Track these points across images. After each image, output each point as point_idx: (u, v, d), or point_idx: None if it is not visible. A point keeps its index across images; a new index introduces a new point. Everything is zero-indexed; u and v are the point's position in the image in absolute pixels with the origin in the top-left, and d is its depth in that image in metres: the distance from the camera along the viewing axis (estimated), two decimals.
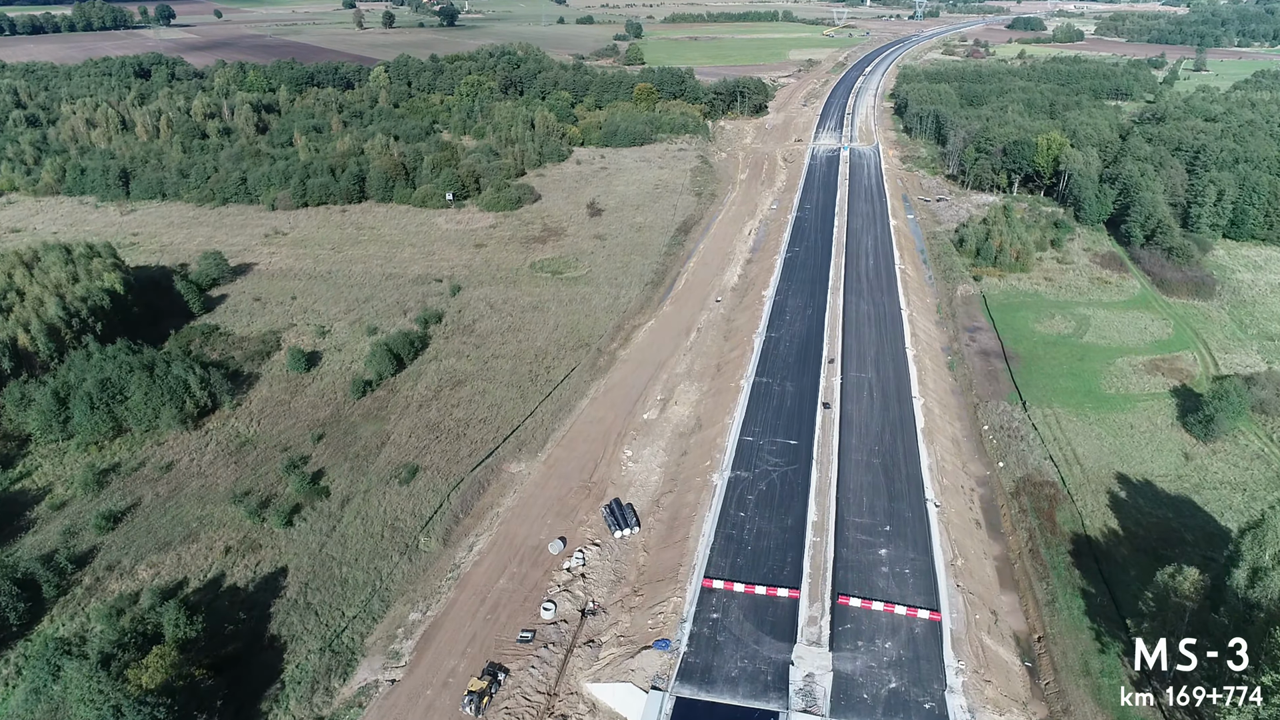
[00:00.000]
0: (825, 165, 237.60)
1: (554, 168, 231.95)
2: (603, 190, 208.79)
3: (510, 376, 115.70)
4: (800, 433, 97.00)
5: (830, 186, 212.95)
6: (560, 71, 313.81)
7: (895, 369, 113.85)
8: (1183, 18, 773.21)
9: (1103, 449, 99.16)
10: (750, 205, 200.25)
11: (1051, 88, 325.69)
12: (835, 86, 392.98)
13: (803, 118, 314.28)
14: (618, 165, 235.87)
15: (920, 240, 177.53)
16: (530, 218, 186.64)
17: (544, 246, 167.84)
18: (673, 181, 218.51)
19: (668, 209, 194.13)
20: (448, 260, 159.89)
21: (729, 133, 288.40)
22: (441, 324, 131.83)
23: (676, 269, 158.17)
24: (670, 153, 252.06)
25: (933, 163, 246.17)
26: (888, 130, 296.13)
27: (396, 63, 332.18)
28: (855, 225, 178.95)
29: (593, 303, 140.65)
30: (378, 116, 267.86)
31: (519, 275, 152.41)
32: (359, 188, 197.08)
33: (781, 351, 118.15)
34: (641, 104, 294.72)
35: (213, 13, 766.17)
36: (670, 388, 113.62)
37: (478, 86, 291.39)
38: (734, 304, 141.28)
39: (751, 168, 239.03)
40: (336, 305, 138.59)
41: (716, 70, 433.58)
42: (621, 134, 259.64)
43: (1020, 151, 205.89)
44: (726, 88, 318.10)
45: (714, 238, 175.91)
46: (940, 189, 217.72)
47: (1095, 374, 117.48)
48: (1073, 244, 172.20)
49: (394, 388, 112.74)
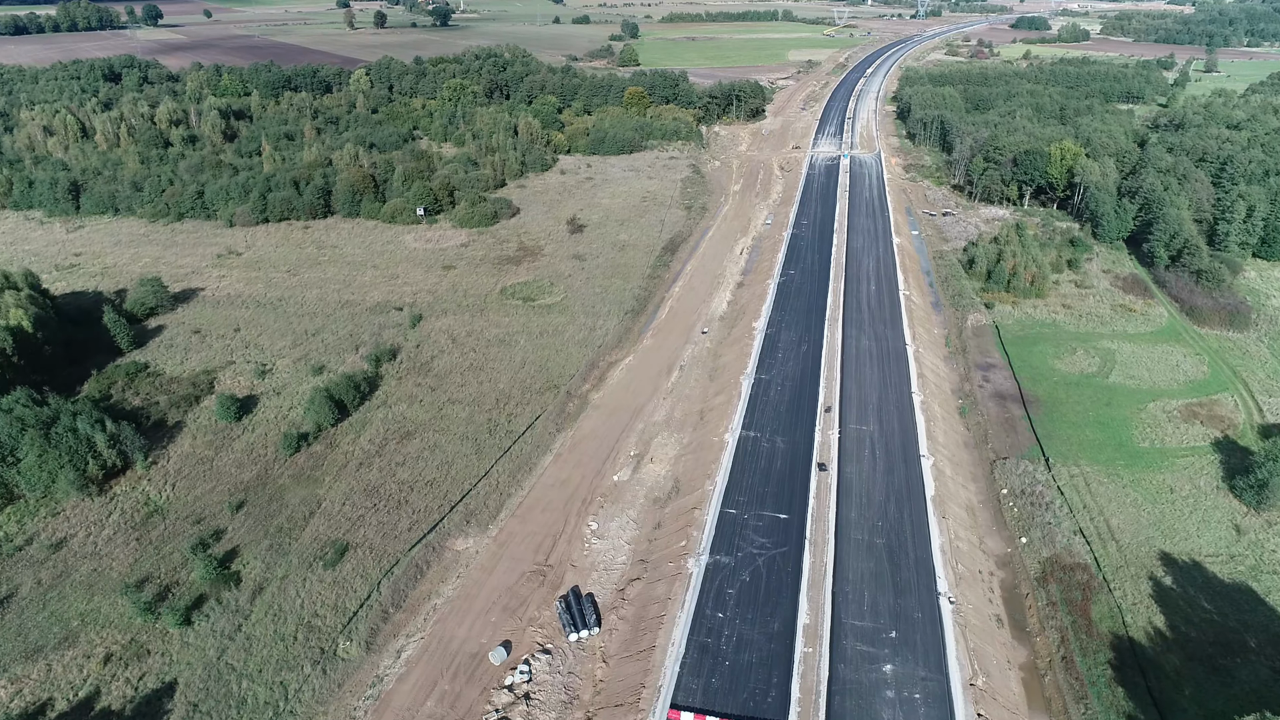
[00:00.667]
0: (824, 175, 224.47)
1: (537, 178, 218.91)
2: (586, 203, 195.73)
3: (466, 427, 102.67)
4: (792, 503, 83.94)
5: (829, 199, 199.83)
6: (548, 75, 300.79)
7: (900, 419, 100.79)
8: (1189, 17, 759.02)
9: (1140, 520, 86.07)
10: (743, 220, 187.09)
11: (1060, 91, 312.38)
12: (835, 89, 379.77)
13: (801, 123, 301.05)
14: (604, 175, 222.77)
15: (926, 260, 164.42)
16: (506, 235, 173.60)
17: (518, 269, 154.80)
18: (661, 193, 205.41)
19: (654, 224, 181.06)
20: (411, 284, 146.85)
21: (724, 139, 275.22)
22: (396, 361, 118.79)
23: (660, 294, 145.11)
24: (660, 161, 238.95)
25: (938, 172, 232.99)
26: (890, 136, 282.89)
27: (378, 65, 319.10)
28: (856, 244, 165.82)
29: (565, 335, 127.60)
30: (354, 123, 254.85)
31: (487, 303, 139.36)
32: (324, 202, 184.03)
33: (772, 397, 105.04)
34: (632, 109, 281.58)
35: (202, 12, 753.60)
36: (646, 440, 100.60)
37: (460, 91, 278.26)
38: (722, 336, 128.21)
39: (746, 178, 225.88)
40: (283, 338, 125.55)
41: (713, 72, 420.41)
42: (610, 141, 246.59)
43: (1032, 162, 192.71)
44: (722, 91, 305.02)
45: (703, 258, 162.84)
46: (946, 201, 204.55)
47: (1125, 423, 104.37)
48: (1091, 265, 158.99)
49: (333, 441, 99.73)
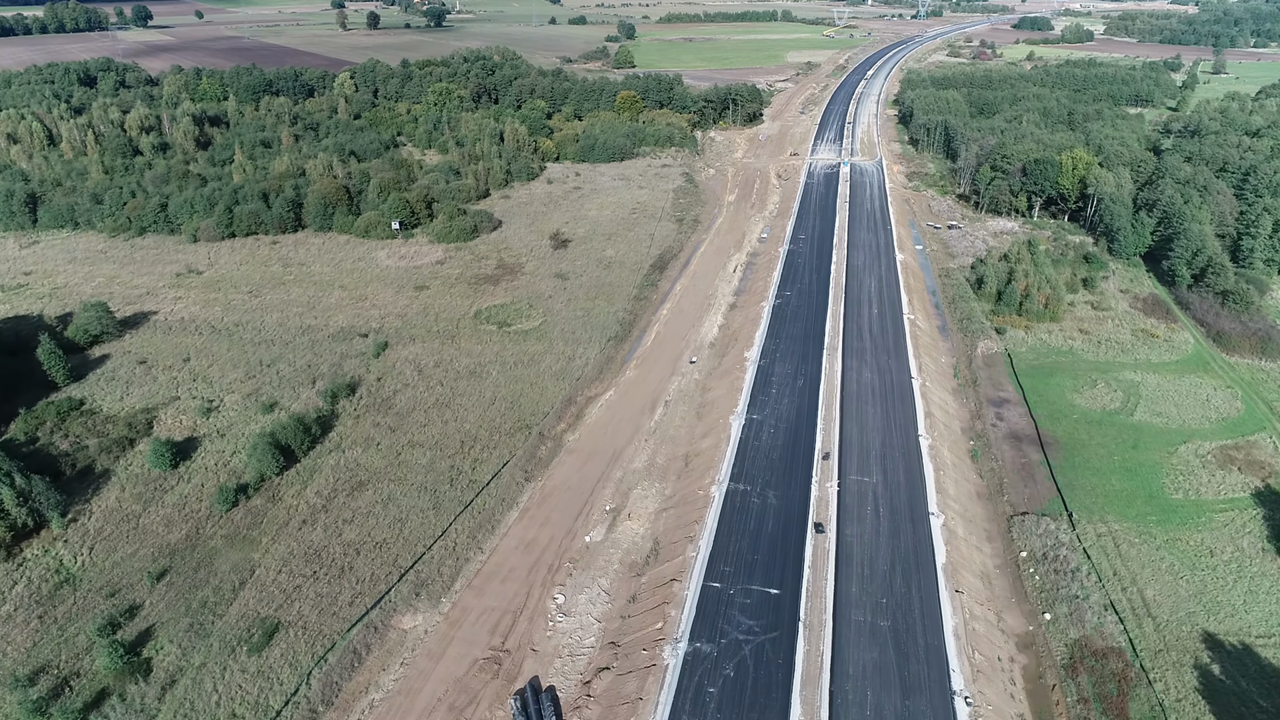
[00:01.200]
0: (823, 184, 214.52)
1: (522, 188, 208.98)
2: (572, 216, 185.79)
3: (425, 475, 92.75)
4: (784, 574, 74.00)
5: (828, 210, 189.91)
6: (538, 78, 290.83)
7: (906, 467, 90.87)
8: (1193, 17, 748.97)
9: (1179, 591, 76.11)
10: (738, 234, 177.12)
11: (1068, 94, 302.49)
12: (835, 92, 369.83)
13: (800, 127, 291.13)
14: (593, 184, 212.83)
15: (931, 278, 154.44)
16: (485, 251, 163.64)
17: (495, 289, 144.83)
18: (652, 204, 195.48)
19: (644, 239, 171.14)
20: (380, 307, 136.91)
21: (719, 145, 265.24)
22: (354, 397, 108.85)
23: (647, 318, 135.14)
24: (652, 169, 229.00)
25: (942, 180, 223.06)
26: (892, 142, 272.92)
27: (362, 68, 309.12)
28: (856, 261, 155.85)
29: (542, 365, 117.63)
30: (334, 129, 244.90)
31: (460, 328, 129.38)
32: (295, 215, 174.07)
33: (764, 442, 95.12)
34: (624, 114, 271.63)
35: (194, 13, 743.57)
36: (624, 491, 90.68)
37: (446, 95, 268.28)
38: (711, 366, 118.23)
39: (741, 187, 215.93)
40: (235, 370, 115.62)
41: (710, 74, 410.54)
42: (600, 148, 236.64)
43: (1042, 172, 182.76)
44: (718, 95, 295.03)
45: (693, 276, 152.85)
46: (952, 212, 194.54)
47: (1155, 469, 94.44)
48: (1107, 284, 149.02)
49: (276, 493, 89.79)
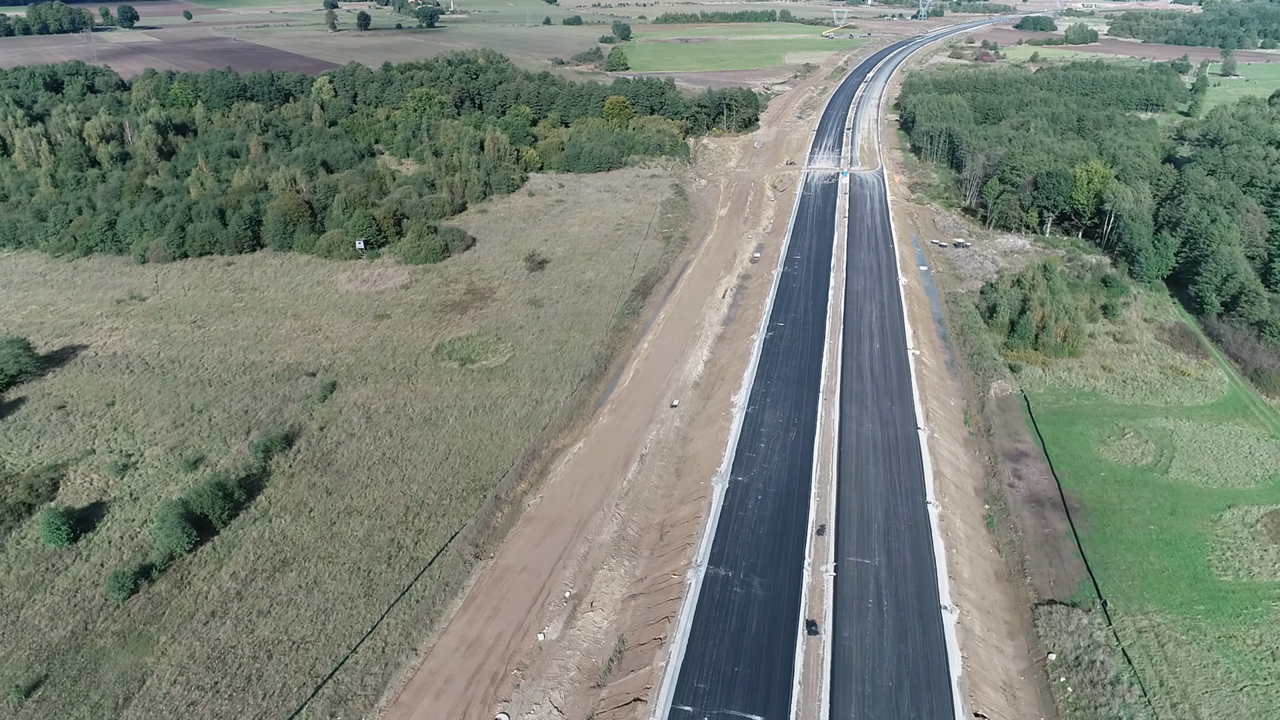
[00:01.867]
0: (821, 196, 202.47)
1: (501, 201, 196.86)
2: (552, 233, 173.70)
3: (360, 551, 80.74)
4: (770, 692, 61.95)
5: (826, 226, 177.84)
6: (524, 82, 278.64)
7: (914, 544, 78.82)
8: (1198, 17, 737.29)
9: (1240, 710, 64.10)
10: (728, 253, 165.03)
11: (1076, 99, 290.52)
12: (834, 95, 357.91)
13: (797, 134, 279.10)
14: (577, 197, 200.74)
15: (937, 303, 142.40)
16: (455, 273, 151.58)
17: (462, 318, 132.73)
18: (638, 219, 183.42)
19: (627, 259, 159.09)
20: (334, 340, 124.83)
21: (712, 153, 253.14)
22: (292, 451, 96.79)
23: (626, 352, 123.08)
24: (640, 180, 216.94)
25: (947, 192, 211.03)
26: (893, 150, 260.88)
27: (342, 72, 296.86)
28: (856, 286, 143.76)
29: (505, 411, 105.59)
30: (307, 137, 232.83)
31: (418, 365, 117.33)
32: (253, 234, 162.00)
33: (750, 511, 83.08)
34: (613, 120, 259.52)
35: (183, 14, 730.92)
36: (588, 571, 78.67)
37: (426, 101, 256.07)
38: (694, 412, 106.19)
39: (734, 199, 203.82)
40: (162, 417, 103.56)
41: (705, 77, 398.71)
42: (586, 157, 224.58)
43: (1054, 185, 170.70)
44: (711, 100, 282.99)
45: (679, 303, 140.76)
46: (958, 228, 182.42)
47: (1198, 543, 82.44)
48: (1129, 311, 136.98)
49: (185, 576, 77.73)
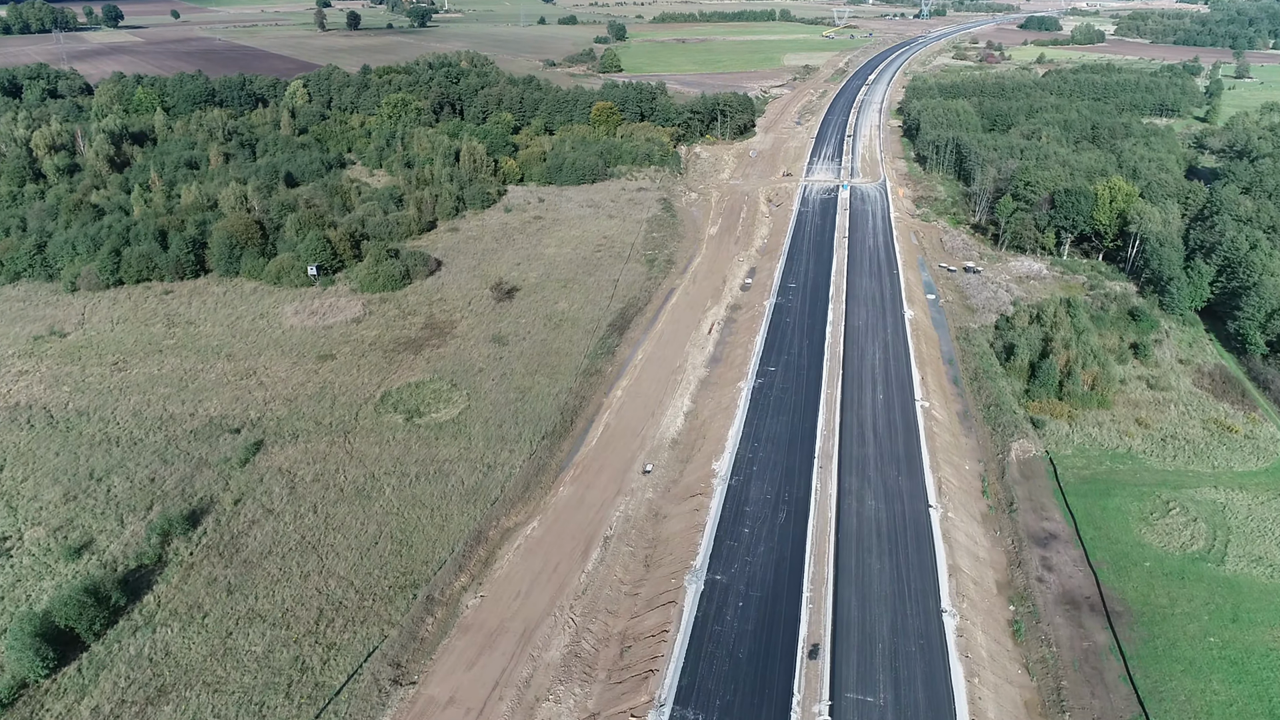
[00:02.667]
0: (819, 212, 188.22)
1: (475, 217, 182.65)
2: (526, 255, 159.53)
3: (257, 675, 66.59)
4: None
5: (824, 247, 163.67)
6: (507, 87, 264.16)
7: (927, 673, 64.57)
8: (1206, 17, 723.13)
9: None
10: (717, 279, 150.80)
11: (1089, 105, 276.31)
12: (834, 99, 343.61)
13: (795, 141, 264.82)
14: (557, 213, 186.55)
15: (947, 340, 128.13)
16: (415, 303, 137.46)
17: (415, 359, 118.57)
18: (621, 239, 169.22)
19: (605, 286, 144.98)
20: (269, 386, 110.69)
21: (704, 163, 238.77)
22: (196, 533, 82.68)
23: (596, 402, 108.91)
24: (626, 194, 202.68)
25: (954, 207, 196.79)
26: (896, 159, 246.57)
27: (317, 76, 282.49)
28: (857, 320, 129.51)
29: (451, 480, 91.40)
30: (273, 146, 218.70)
31: (359, 419, 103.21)
32: (197, 258, 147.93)
33: (728, 625, 68.85)
34: (600, 127, 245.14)
35: (170, 13, 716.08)
36: (530, 703, 64.44)
37: (402, 107, 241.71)
38: (669, 479, 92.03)
39: (726, 216, 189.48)
40: (55, 487, 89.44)
41: (701, 79, 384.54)
42: (568, 169, 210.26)
43: (1074, 205, 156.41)
44: (705, 105, 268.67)
45: (659, 340, 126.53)
46: (968, 250, 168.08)
47: (1269, 660, 68.28)
48: (1162, 349, 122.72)
49: (36, 711, 63.64)
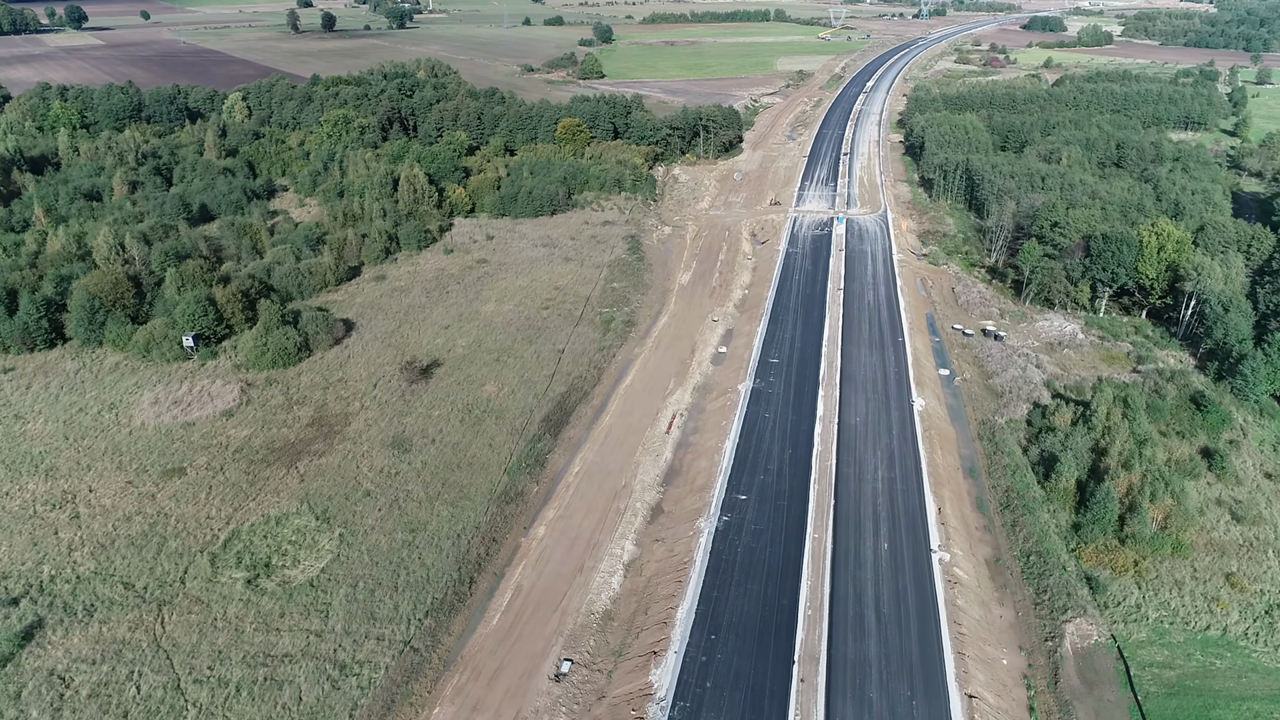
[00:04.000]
0: (810, 254, 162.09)
1: (408, 261, 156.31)
2: (459, 313, 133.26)
3: None
4: None
5: (815, 303, 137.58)
6: (465, 101, 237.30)
7: None
8: (1215, 17, 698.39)
9: None
10: (684, 348, 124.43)
11: (1110, 120, 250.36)
12: (830, 109, 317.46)
13: (785, 160, 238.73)
14: (505, 254, 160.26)
15: (966, 437, 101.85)
16: (307, 386, 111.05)
17: (287, 476, 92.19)
18: (576, 290, 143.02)
19: (547, 358, 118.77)
20: (85, 522, 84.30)
21: (682, 188, 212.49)
22: None
23: (510, 546, 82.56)
24: (590, 228, 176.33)
25: (966, 244, 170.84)
26: (898, 182, 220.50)
27: (259, 87, 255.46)
28: (854, 416, 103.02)
29: (284, 697, 65.12)
30: (191, 173, 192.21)
31: (188, 578, 76.67)
32: (53, 323, 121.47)
33: None
34: (566, 146, 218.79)
35: (140, 14, 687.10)
36: None
37: (344, 125, 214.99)
38: (590, 694, 65.72)
39: (701, 258, 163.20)
40: None
41: (687, 86, 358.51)
42: (525, 199, 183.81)
43: (1114, 254, 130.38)
44: (686, 120, 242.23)
45: (604, 441, 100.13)
46: (986, 303, 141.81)
47: None
48: (1241, 455, 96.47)
49: None
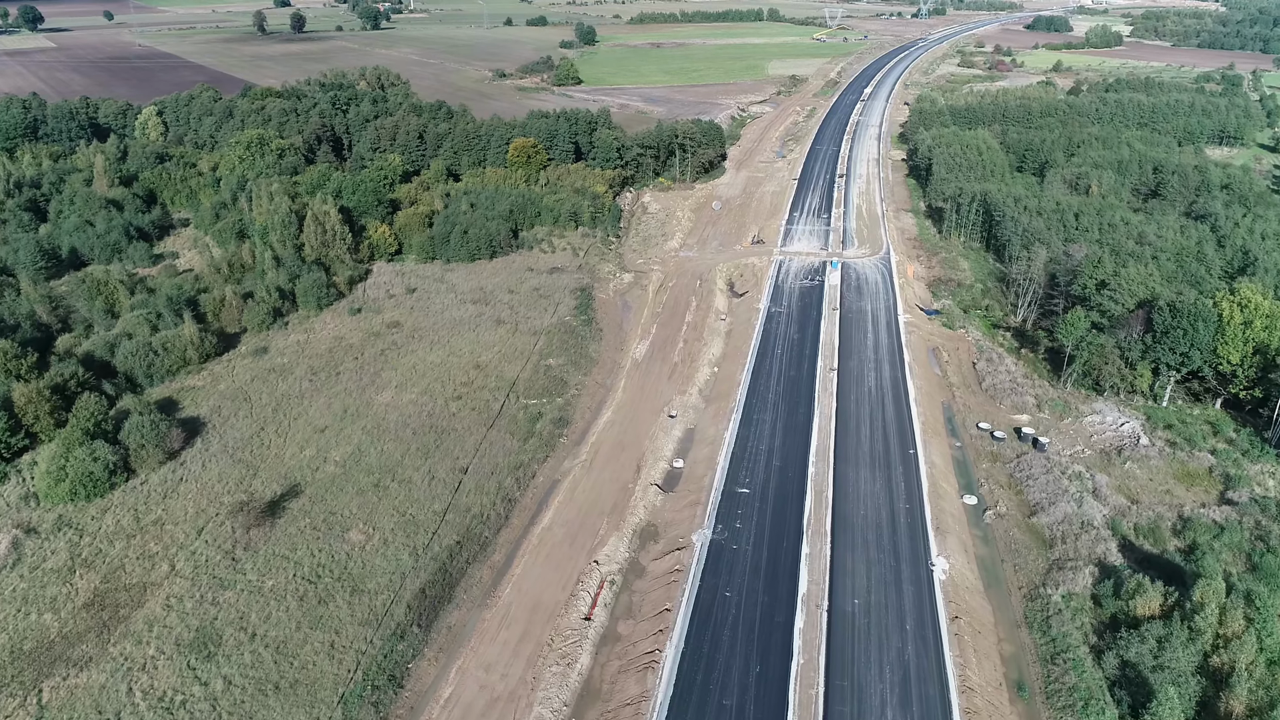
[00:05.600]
0: (797, 315, 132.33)
1: (301, 326, 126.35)
2: (345, 406, 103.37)
3: None
4: None
5: (801, 393, 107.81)
6: (405, 117, 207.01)
7: None
8: (1227, 17, 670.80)
9: None
10: (625, 467, 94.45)
11: (1140, 136, 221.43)
12: (824, 121, 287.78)
13: (773, 183, 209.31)
14: (424, 315, 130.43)
15: (1009, 621, 72.30)
16: (104, 537, 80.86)
17: (16, 714, 62.65)
18: (502, 368, 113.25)
19: (444, 483, 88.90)
20: None
21: (651, 221, 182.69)
22: None
23: None
24: (535, 276, 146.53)
25: (986, 296, 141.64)
26: (902, 211, 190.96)
27: (176, 100, 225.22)
28: (850, 597, 72.64)
29: None
30: (69, 206, 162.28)
31: None
32: None
33: None
34: (518, 171, 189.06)
35: (104, 14, 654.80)
36: None
37: (258, 148, 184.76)
38: None
39: (664, 320, 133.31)
40: None
41: (670, 94, 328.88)
42: (459, 239, 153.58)
43: (1184, 331, 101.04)
44: (660, 138, 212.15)
45: (498, 633, 69.73)
46: (1017, 387, 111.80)
47: None
48: None
49: None
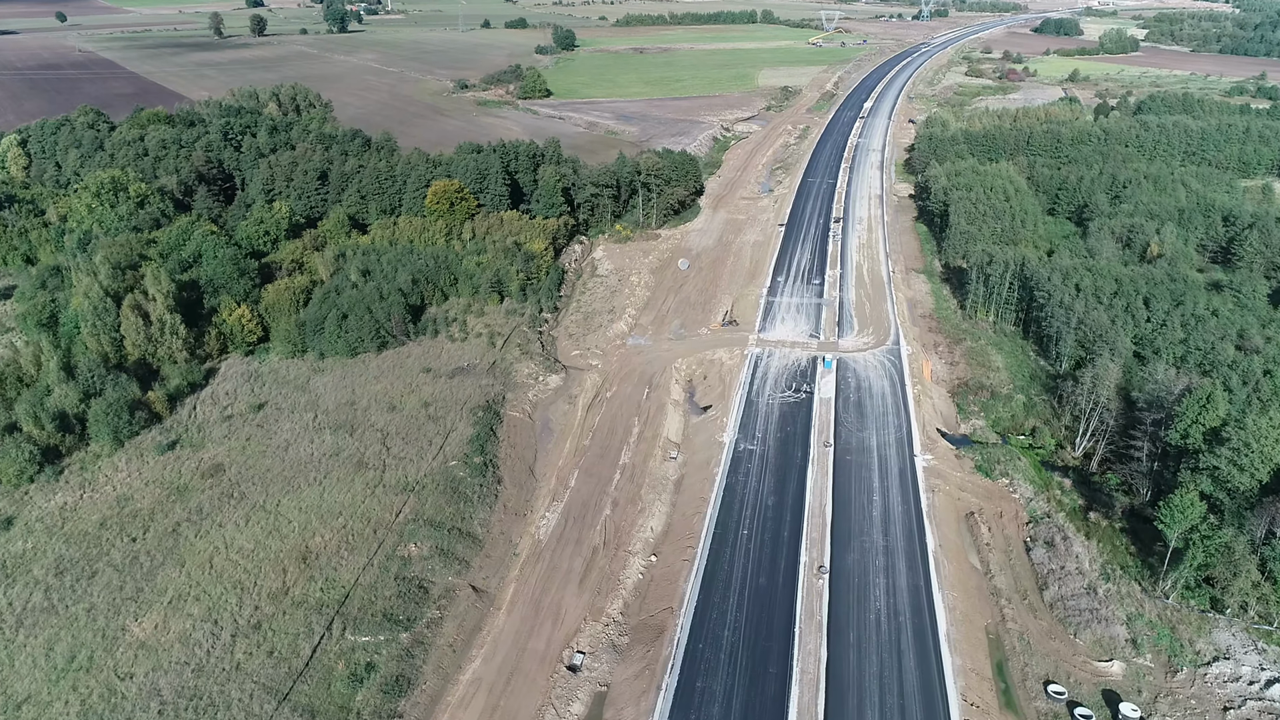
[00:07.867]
0: (774, 457, 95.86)
1: (82, 473, 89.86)
2: (74, 648, 67.00)
3: None
4: None
5: (774, 626, 71.44)
6: (309, 151, 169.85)
7: None
8: (1244, 20, 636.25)
9: None
10: None
11: (1196, 173, 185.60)
12: (819, 144, 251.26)
13: (755, 230, 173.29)
14: (259, 455, 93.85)
15: None
16: None
17: None
18: (337, 564, 76.78)
19: None
20: None
21: (601, 285, 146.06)
22: None
23: None
24: (432, 381, 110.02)
25: (1028, 413, 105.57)
26: (912, 271, 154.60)
27: (41, 128, 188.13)
28: None
29: None
30: None
31: None
32: None
33: None
34: (438, 221, 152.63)
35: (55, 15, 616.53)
36: None
37: (109, 195, 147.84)
38: None
39: (592, 461, 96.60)
40: None
41: (648, 109, 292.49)
42: (335, 326, 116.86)
43: None
44: (621, 175, 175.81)
45: None
46: (1094, 596, 75.24)
47: None
48: None
49: None
